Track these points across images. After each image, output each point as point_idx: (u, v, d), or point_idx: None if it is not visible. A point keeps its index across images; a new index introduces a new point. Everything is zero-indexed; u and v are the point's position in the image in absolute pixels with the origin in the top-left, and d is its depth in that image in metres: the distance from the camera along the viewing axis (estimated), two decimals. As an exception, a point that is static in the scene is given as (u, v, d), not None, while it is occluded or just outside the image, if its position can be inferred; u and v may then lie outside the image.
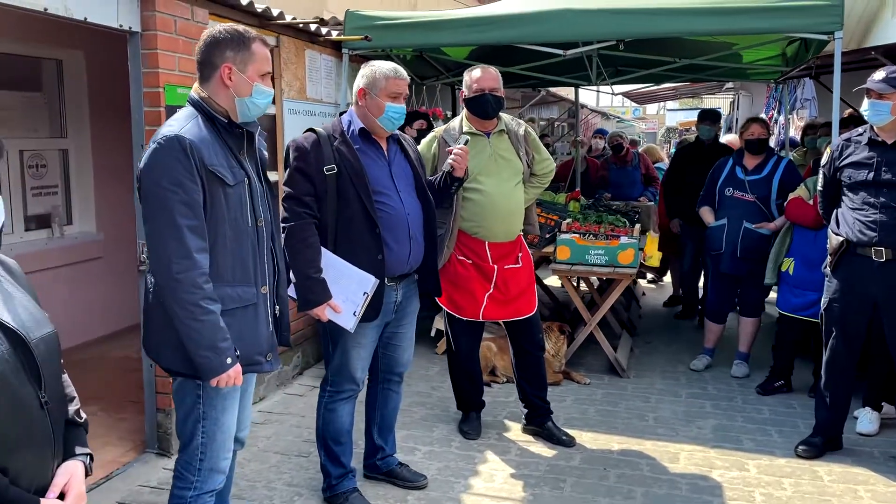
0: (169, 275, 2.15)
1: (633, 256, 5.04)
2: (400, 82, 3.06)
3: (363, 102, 3.07)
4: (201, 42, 2.35)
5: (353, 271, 2.99)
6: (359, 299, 2.99)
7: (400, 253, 3.10)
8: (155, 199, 2.17)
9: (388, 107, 3.03)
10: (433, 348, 5.65)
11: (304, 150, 2.99)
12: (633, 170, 7.80)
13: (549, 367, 4.92)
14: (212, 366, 2.20)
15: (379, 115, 3.05)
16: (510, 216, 3.87)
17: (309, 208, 2.96)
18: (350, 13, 5.04)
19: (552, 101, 15.57)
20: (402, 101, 3.08)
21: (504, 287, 3.89)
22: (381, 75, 3.04)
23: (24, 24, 4.76)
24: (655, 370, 5.33)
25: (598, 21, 4.45)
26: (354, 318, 3.00)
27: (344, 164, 2.98)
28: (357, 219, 2.99)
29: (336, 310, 2.99)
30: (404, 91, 3.08)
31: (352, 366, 3.16)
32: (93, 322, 5.77)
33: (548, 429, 4.08)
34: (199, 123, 2.28)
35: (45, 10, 3.03)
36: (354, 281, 2.99)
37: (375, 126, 3.08)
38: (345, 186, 2.98)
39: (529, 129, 4.01)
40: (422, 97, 8.48)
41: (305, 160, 2.97)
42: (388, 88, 3.03)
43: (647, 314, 7.10)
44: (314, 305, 2.97)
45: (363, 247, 3.00)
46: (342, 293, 2.99)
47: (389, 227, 3.04)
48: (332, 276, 2.98)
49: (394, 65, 3.09)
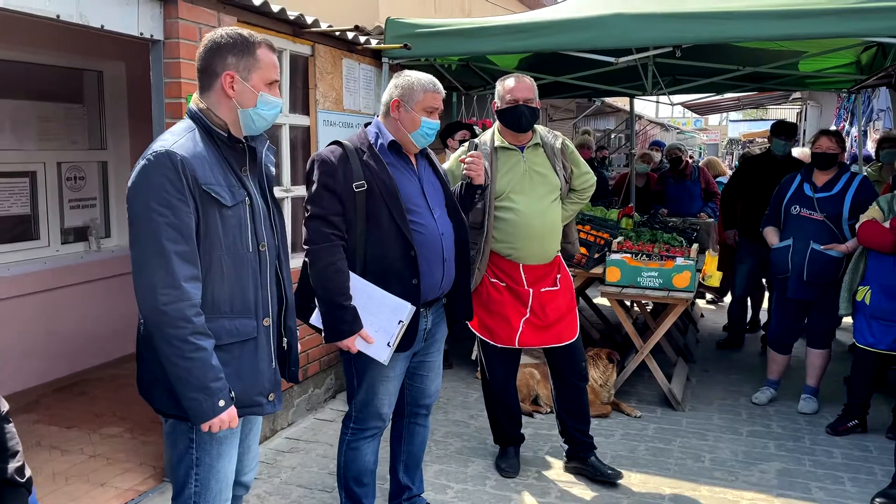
0: (154, 306, 1.93)
1: (690, 279, 4.66)
2: (438, 97, 2.83)
3: (396, 115, 2.82)
4: (201, 47, 2.14)
5: (385, 297, 2.73)
6: (393, 328, 2.73)
7: (432, 277, 2.84)
8: (141, 222, 1.95)
9: (423, 122, 2.80)
10: (474, 372, 5.35)
11: (331, 164, 2.74)
12: (693, 184, 7.38)
13: (596, 398, 4.58)
14: (202, 409, 1.97)
15: (413, 131, 2.81)
16: (546, 236, 3.58)
17: (337, 229, 2.71)
18: (390, 21, 4.82)
19: (609, 112, 15.14)
20: (437, 116, 2.85)
21: (541, 312, 3.60)
22: (419, 87, 2.79)
23: (66, 36, 4.68)
24: (713, 403, 4.92)
25: (652, 27, 4.10)
26: (388, 348, 2.74)
27: (374, 180, 2.73)
28: (389, 240, 2.73)
29: (368, 340, 2.73)
30: (440, 106, 2.85)
31: (378, 401, 2.90)
32: (128, 337, 5.64)
33: (591, 464, 3.76)
34: (196, 138, 2.06)
35: (58, 18, 2.88)
36: (388, 308, 2.73)
37: (407, 141, 2.84)
38: (375, 204, 2.73)
39: (567, 142, 3.71)
40: (472, 108, 8.24)
41: (333, 176, 2.72)
42: (424, 102, 2.79)
43: (706, 339, 6.66)
44: (344, 336, 2.71)
45: (396, 271, 2.74)
46: (374, 322, 2.73)
47: (423, 248, 2.78)
48: (361, 303, 2.73)
49: (432, 77, 2.85)
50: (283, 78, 4.21)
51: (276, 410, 2.25)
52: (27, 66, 4.94)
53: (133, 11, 3.23)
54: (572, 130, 12.48)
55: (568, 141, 3.73)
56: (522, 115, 3.46)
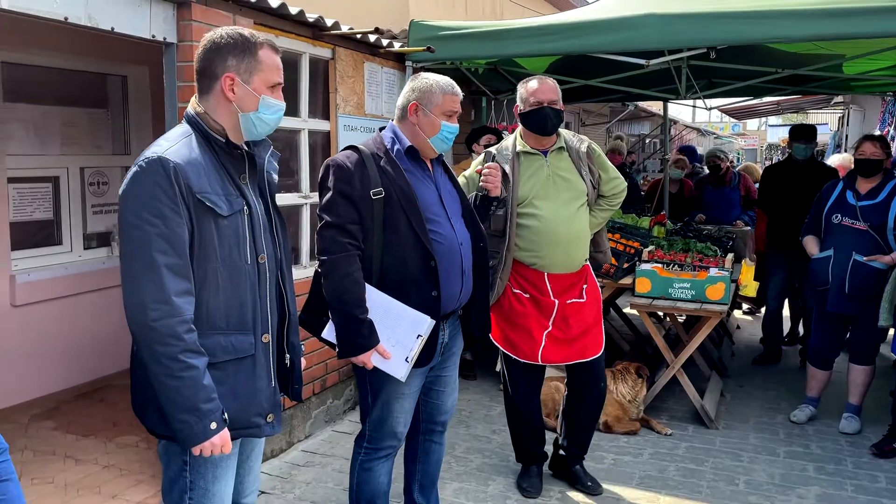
0: (143, 322, 1.82)
1: (724, 291, 4.45)
2: (457, 99, 2.71)
3: (415, 119, 2.70)
4: (200, 48, 2.04)
5: (403, 310, 2.59)
6: (411, 343, 2.59)
7: (451, 289, 2.70)
8: (131, 233, 1.84)
9: (443, 126, 2.68)
10: (498, 384, 5.19)
11: (347, 170, 2.61)
12: (732, 191, 7.11)
13: (624, 414, 4.40)
14: (192, 432, 1.85)
15: (433, 135, 2.68)
16: (572, 244, 3.42)
17: (354, 238, 2.58)
18: (414, 23, 4.71)
19: (644, 117, 14.88)
20: (456, 120, 2.72)
21: (564, 324, 3.44)
22: (437, 90, 2.67)
23: (90, 41, 4.66)
24: (749, 421, 4.70)
25: (684, 27, 3.92)
26: (407, 364, 2.61)
27: (392, 186, 2.60)
28: (408, 250, 2.60)
29: (385, 355, 2.60)
30: (459, 109, 2.73)
31: (394, 420, 2.76)
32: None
33: (574, 472, 3.73)
34: (192, 143, 1.96)
35: (66, 20, 2.81)
36: (406, 321, 2.59)
37: (425, 146, 2.71)
38: (393, 212, 2.60)
39: (594, 146, 3.55)
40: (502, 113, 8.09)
41: (349, 182, 2.59)
42: (444, 105, 2.67)
43: (742, 352, 6.41)
44: (360, 351, 2.58)
45: (415, 282, 2.61)
46: (391, 336, 2.60)
47: (443, 258, 2.65)
48: (377, 316, 2.60)
49: (449, 79, 2.74)
50: (302, 82, 4.12)
51: (276, 432, 2.13)
52: (51, 70, 4.92)
53: (145, 14, 3.16)
54: (605, 135, 12.26)
55: (595, 145, 3.58)
56: (547, 117, 3.32)
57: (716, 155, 7.26)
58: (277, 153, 2.23)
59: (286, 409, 4.09)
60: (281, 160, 4.37)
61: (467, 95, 6.63)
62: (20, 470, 3.82)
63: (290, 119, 4.14)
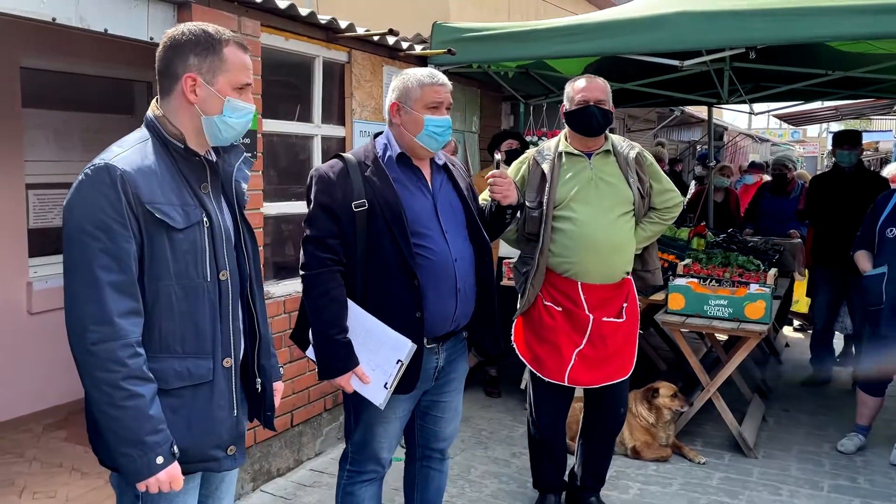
0: (83, 346, 1.66)
1: (765, 310, 4.13)
2: (439, 88, 2.47)
3: (398, 120, 2.50)
4: (160, 46, 1.87)
5: (385, 333, 2.41)
6: (391, 368, 2.40)
7: (443, 309, 2.49)
8: (73, 247, 1.69)
9: (427, 120, 2.45)
10: (523, 403, 4.94)
11: (329, 181, 2.45)
12: (792, 201, 6.70)
13: (653, 440, 4.11)
14: (135, 467, 1.69)
15: (418, 132, 2.47)
16: (610, 252, 3.16)
17: (333, 253, 2.42)
18: (437, 25, 4.53)
19: (693, 123, 14.37)
20: (444, 111, 2.48)
21: (601, 344, 3.18)
22: (414, 83, 2.46)
23: (116, 47, 4.61)
24: (792, 449, 4.35)
25: (720, 25, 3.64)
26: (385, 391, 2.41)
27: (376, 197, 2.42)
28: (390, 266, 2.42)
29: (364, 379, 2.42)
30: (446, 99, 2.49)
31: (376, 444, 2.58)
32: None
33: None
34: (147, 149, 1.80)
35: (54, 21, 2.71)
36: (387, 345, 2.40)
37: (415, 147, 2.50)
38: (377, 225, 2.41)
39: (645, 153, 3.30)
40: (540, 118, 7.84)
41: (330, 194, 2.43)
42: (424, 98, 2.45)
43: (789, 372, 6.01)
44: (337, 374, 2.42)
45: (397, 302, 2.42)
46: (372, 359, 2.42)
47: (431, 276, 2.44)
48: (360, 337, 2.42)
49: (430, 69, 2.53)
50: (315, 86, 3.97)
51: (238, 465, 1.95)
52: (73, 76, 4.89)
53: (142, 15, 3.04)
54: (651, 141, 11.88)
55: (646, 152, 3.32)
56: (593, 116, 3.09)
57: (783, 163, 6.84)
58: (251, 160, 2.06)
59: (294, 425, 3.93)
60: (292, 167, 4.19)
61: (500, 100, 6.49)
62: (25, 482, 3.75)
63: (302, 125, 4.01)
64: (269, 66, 3.62)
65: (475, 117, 5.89)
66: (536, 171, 3.21)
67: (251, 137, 3.47)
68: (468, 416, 4.71)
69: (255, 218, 3.58)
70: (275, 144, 3.90)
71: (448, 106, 2.50)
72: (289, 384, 3.83)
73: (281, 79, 3.91)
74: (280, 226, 4.09)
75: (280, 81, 3.90)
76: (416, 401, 2.63)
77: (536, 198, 3.17)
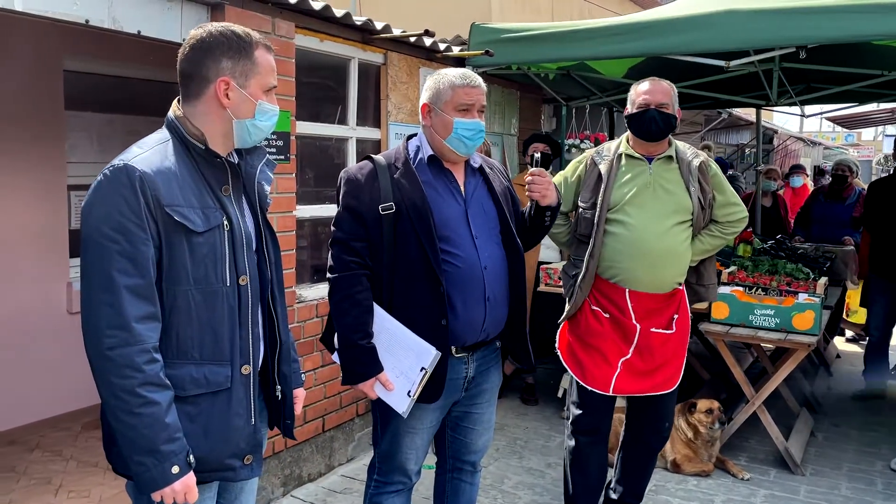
0: (99, 350, 1.63)
1: (814, 321, 3.95)
2: (471, 90, 2.38)
3: (429, 122, 2.44)
4: (186, 48, 1.84)
5: (410, 339, 2.34)
6: (414, 376, 2.33)
7: (471, 318, 2.40)
8: (90, 249, 1.66)
9: (456, 123, 2.37)
10: (560, 410, 4.83)
11: (357, 183, 2.40)
12: (847, 208, 6.45)
13: (694, 454, 3.97)
14: (150, 476, 1.65)
15: (447, 135, 2.39)
16: (661, 260, 3.02)
17: (358, 256, 2.36)
18: (475, 26, 4.46)
19: (742, 125, 14.03)
20: (475, 114, 2.40)
21: (648, 354, 3.04)
22: (445, 84, 2.39)
23: (156, 50, 4.65)
24: (842, 467, 4.16)
25: (765, 25, 3.49)
26: (409, 398, 2.34)
27: (404, 199, 2.35)
28: (416, 271, 2.35)
29: (387, 386, 2.36)
30: (478, 101, 2.40)
31: (402, 455, 2.51)
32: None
33: None
34: (167, 151, 1.76)
35: (87, 23, 2.71)
36: (412, 352, 2.33)
37: (445, 150, 2.42)
38: (403, 229, 2.35)
39: (711, 163, 3.14)
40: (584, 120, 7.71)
41: (357, 196, 2.38)
42: (454, 100, 2.37)
43: (841, 385, 5.78)
44: (360, 380, 2.36)
45: (423, 308, 2.35)
46: (396, 366, 2.36)
47: (458, 283, 2.36)
48: (385, 342, 2.36)
49: (464, 70, 2.44)
50: (351, 88, 3.94)
51: (255, 476, 1.90)
52: (116, 79, 4.95)
53: (175, 17, 3.03)
54: (698, 144, 11.61)
55: (712, 162, 3.18)
56: (652, 120, 2.97)
57: (847, 164, 6.59)
58: (273, 162, 2.02)
59: (326, 430, 3.90)
60: (327, 170, 4.15)
61: (540, 102, 6.38)
62: (61, 480, 3.79)
63: (337, 127, 3.97)
64: (304, 67, 3.60)
65: (514, 119, 5.79)
66: (593, 171, 3.10)
67: (284, 140, 3.44)
68: (503, 424, 4.62)
69: (288, 221, 3.56)
70: (309, 147, 3.88)
71: (480, 109, 2.42)
72: (321, 389, 3.80)
73: (315, 81, 3.88)
74: (316, 228, 4.07)
75: (315, 83, 3.87)
76: (445, 411, 2.55)
77: (591, 198, 3.07)
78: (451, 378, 2.43)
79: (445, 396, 2.44)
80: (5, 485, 3.70)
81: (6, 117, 4.27)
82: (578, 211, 3.11)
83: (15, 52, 4.25)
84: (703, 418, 3.94)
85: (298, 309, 3.65)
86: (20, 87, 4.33)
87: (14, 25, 4.04)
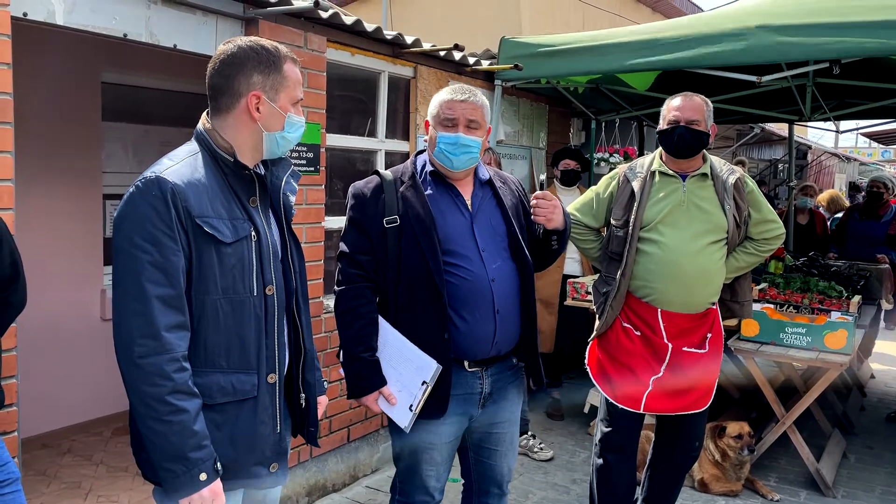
0: (129, 359, 1.67)
1: (847, 340, 3.89)
2: (454, 104, 2.36)
3: (426, 137, 2.48)
4: (216, 62, 1.88)
5: (413, 353, 2.33)
6: (416, 390, 2.32)
7: (479, 331, 2.37)
8: (122, 259, 1.70)
9: (439, 137, 2.36)
10: (586, 426, 4.80)
11: (363, 197, 2.42)
12: (882, 225, 6.34)
13: (723, 475, 3.91)
14: (179, 482, 1.67)
15: (433, 150, 2.41)
16: (694, 281, 2.97)
17: (363, 269, 2.38)
18: (504, 40, 4.49)
19: (775, 141, 13.86)
20: (460, 129, 2.35)
21: (680, 373, 2.99)
22: (437, 100, 2.41)
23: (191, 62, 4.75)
24: (874, 489, 4.07)
25: (801, 39, 3.46)
26: (410, 413, 2.33)
27: (408, 212, 2.36)
28: (419, 283, 2.34)
29: (390, 400, 2.36)
30: (462, 115, 2.35)
31: (422, 472, 2.47)
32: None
33: None
34: (197, 163, 1.80)
35: (125, 37, 2.79)
36: (414, 365, 2.33)
37: (436, 164, 2.43)
38: (407, 241, 2.35)
39: (747, 179, 3.10)
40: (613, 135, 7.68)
41: (362, 210, 2.40)
42: (439, 115, 2.38)
43: (874, 406, 5.66)
44: (362, 393, 2.37)
45: (426, 321, 2.34)
46: (399, 380, 2.35)
47: (464, 296, 2.34)
48: (389, 356, 2.37)
49: (461, 86, 2.44)
50: (381, 101, 3.98)
51: (280, 484, 1.92)
52: (154, 91, 5.05)
53: (210, 31, 3.10)
54: (730, 159, 11.49)
55: (749, 179, 3.13)
56: (681, 137, 2.94)
57: (882, 181, 6.49)
58: (298, 173, 2.04)
59: (351, 440, 3.91)
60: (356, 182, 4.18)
61: (569, 116, 6.37)
62: (91, 485, 3.85)
63: (367, 140, 4.01)
64: (335, 80, 3.64)
65: (542, 133, 5.80)
66: (626, 188, 3.06)
67: (314, 152, 3.49)
68: (528, 438, 4.59)
69: (317, 232, 3.60)
70: (339, 159, 3.92)
71: (468, 124, 2.37)
72: (346, 399, 3.81)
73: (346, 93, 3.93)
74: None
75: (345, 96, 3.92)
76: (462, 427, 2.49)
77: (623, 216, 3.03)
78: (466, 393, 2.40)
79: (460, 410, 2.41)
80: (36, 488, 3.77)
81: (47, 127, 4.38)
82: (610, 228, 3.09)
83: (56, 64, 4.36)
84: (732, 443, 3.87)
85: (325, 319, 3.68)
86: (61, 98, 4.45)
87: (56, 39, 4.15)
